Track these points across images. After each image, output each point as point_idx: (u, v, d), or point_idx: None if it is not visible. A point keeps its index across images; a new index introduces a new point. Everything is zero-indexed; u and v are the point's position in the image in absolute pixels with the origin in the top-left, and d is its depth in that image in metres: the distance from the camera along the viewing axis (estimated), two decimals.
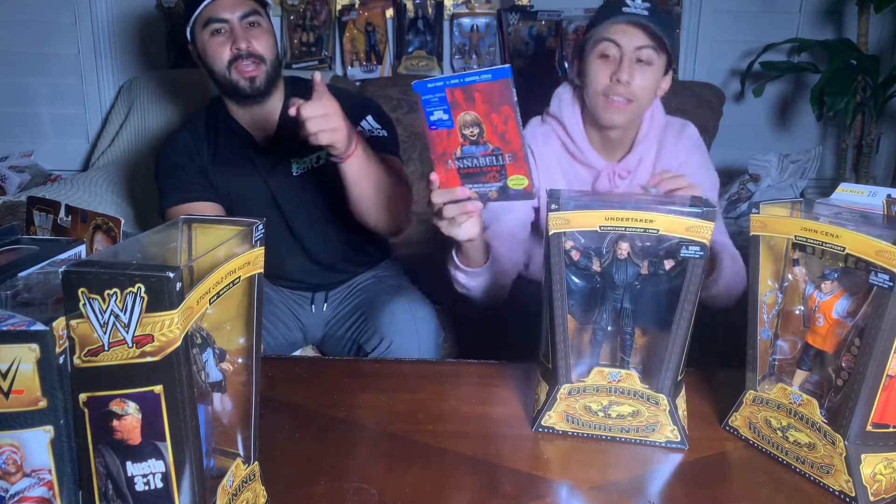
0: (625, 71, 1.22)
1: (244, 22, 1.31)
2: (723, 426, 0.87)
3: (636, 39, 1.21)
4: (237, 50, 1.29)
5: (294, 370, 1.03)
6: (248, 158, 1.39)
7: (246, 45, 1.29)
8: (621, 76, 1.22)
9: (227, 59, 1.30)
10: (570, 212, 0.78)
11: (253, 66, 1.30)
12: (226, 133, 1.41)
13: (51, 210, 0.98)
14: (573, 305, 0.84)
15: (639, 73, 1.23)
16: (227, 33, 1.30)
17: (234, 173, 1.39)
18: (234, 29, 1.30)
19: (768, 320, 0.82)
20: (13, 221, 1.15)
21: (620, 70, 1.22)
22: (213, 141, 1.42)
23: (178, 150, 1.40)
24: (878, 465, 0.73)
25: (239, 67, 1.30)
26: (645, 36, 1.21)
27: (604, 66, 1.25)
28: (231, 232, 0.59)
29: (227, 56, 1.30)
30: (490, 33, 2.21)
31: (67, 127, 2.36)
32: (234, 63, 1.30)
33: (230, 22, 1.29)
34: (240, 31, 1.30)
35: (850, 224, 0.71)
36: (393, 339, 1.28)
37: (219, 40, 1.30)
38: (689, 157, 1.36)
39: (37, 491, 0.52)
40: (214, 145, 1.41)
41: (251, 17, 1.31)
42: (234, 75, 1.31)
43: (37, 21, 2.26)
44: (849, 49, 2.09)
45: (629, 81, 1.22)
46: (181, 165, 1.38)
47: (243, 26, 1.31)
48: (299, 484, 0.74)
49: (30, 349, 0.49)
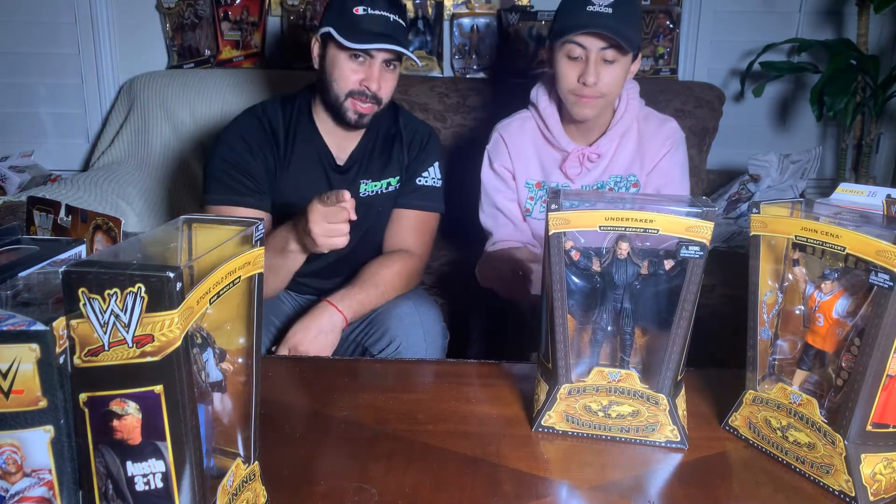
0: (591, 73, 1.24)
1: (384, 63, 1.28)
2: (723, 426, 0.87)
3: (601, 41, 1.23)
4: (366, 87, 1.26)
5: (294, 370, 1.03)
6: (323, 173, 1.36)
7: (376, 88, 1.27)
8: (587, 79, 1.24)
9: (350, 89, 1.27)
10: (570, 212, 0.78)
11: (369, 106, 1.28)
12: (304, 139, 1.36)
13: (51, 210, 0.98)
14: (573, 305, 0.84)
15: (605, 71, 1.26)
16: (366, 66, 1.27)
17: (304, 184, 1.35)
18: (374, 67, 1.27)
19: (768, 320, 0.82)
20: (13, 221, 1.16)
21: (587, 72, 1.24)
22: (289, 143, 1.35)
23: (245, 144, 1.32)
24: (878, 465, 0.73)
25: (356, 101, 1.27)
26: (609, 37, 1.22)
27: (571, 67, 1.27)
28: (231, 232, 0.59)
29: (354, 87, 1.27)
30: (490, 33, 2.21)
31: (67, 127, 2.36)
32: (355, 95, 1.27)
33: (374, 58, 1.26)
34: (377, 71, 1.27)
35: (850, 224, 0.71)
36: (401, 341, 1.28)
37: (353, 67, 1.26)
38: (675, 151, 1.38)
39: (37, 491, 0.52)
40: (291, 149, 1.35)
41: (393, 62, 1.29)
42: (347, 103, 1.28)
43: (37, 21, 2.26)
44: (849, 49, 2.10)
45: (595, 83, 1.24)
46: (242, 164, 1.31)
47: (382, 67, 1.28)
48: (299, 484, 0.74)
49: (30, 349, 0.49)
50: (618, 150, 1.37)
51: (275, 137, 1.35)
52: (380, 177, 1.41)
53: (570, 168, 1.38)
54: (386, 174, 1.41)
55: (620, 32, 1.21)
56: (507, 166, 1.43)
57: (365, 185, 1.40)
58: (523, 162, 1.41)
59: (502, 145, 1.43)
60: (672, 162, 1.38)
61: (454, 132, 2.02)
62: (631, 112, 1.36)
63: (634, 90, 1.38)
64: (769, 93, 2.25)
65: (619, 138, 1.37)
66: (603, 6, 1.21)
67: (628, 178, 1.38)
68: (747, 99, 2.29)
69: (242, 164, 1.31)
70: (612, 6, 1.21)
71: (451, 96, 2.04)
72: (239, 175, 1.31)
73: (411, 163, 1.44)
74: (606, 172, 1.38)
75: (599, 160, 1.37)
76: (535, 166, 1.42)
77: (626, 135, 1.37)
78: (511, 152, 1.42)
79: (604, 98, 1.28)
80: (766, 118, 2.37)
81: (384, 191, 1.42)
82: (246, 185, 1.32)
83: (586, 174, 1.39)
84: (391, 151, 1.43)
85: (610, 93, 1.28)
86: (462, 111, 2.03)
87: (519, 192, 1.43)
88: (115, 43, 2.30)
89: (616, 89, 1.29)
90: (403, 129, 1.45)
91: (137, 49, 2.29)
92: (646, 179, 1.38)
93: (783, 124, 2.38)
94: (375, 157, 1.41)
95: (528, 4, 2.21)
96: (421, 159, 1.44)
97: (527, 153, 1.42)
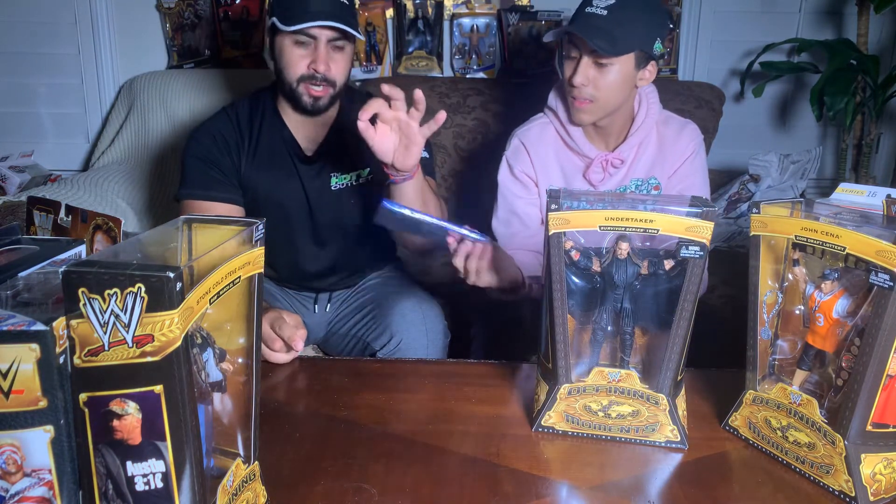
0: (579, 74, 1.23)
1: (331, 44, 1.27)
2: (723, 426, 0.87)
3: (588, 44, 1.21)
4: (314, 71, 1.26)
5: (294, 370, 1.03)
6: (291, 164, 1.36)
7: (324, 69, 1.26)
8: (575, 78, 1.23)
9: (300, 74, 1.27)
10: (570, 212, 0.78)
11: (322, 88, 1.28)
12: (270, 132, 1.37)
13: (51, 210, 0.98)
14: (573, 305, 0.84)
15: (598, 74, 1.24)
16: (311, 50, 1.26)
17: (273, 176, 1.36)
18: (319, 48, 1.26)
19: (768, 320, 0.82)
20: (13, 221, 1.16)
21: (576, 73, 1.23)
22: (254, 137, 1.37)
23: (212, 141, 1.34)
24: (878, 465, 0.73)
25: (308, 85, 1.27)
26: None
27: (568, 66, 1.26)
28: (231, 232, 0.59)
29: (303, 71, 1.27)
30: (490, 33, 2.21)
31: (67, 127, 2.36)
32: (306, 80, 1.27)
33: (317, 40, 1.26)
34: (323, 52, 1.26)
35: (850, 224, 0.71)
36: (403, 338, 1.28)
37: (300, 53, 1.26)
38: (696, 156, 1.37)
39: (37, 491, 0.52)
40: (256, 142, 1.36)
41: (339, 41, 1.27)
42: (300, 89, 1.28)
43: (37, 21, 2.26)
44: (849, 49, 2.10)
45: (583, 84, 1.23)
46: (212, 160, 1.33)
47: (328, 48, 1.27)
48: (299, 484, 0.74)
49: (30, 349, 0.49)
50: (638, 154, 1.36)
51: (243, 132, 1.36)
52: (349, 169, 1.39)
53: (594, 174, 1.36)
54: (356, 166, 1.39)
55: (610, 35, 1.19)
56: (528, 173, 1.40)
57: (335, 177, 1.39)
58: (545, 169, 1.39)
59: (523, 152, 1.40)
60: (693, 167, 1.36)
61: (454, 132, 2.02)
62: (651, 117, 1.35)
63: (654, 95, 1.37)
64: (769, 93, 2.25)
65: (640, 143, 1.36)
66: (600, 7, 1.20)
67: (649, 181, 1.37)
68: (747, 99, 2.29)
69: (214, 160, 1.33)
70: (609, 8, 1.19)
71: (451, 96, 2.04)
72: (212, 171, 1.32)
73: None
74: (628, 177, 1.37)
75: (622, 165, 1.36)
76: (556, 173, 1.39)
77: (646, 139, 1.36)
78: (533, 159, 1.39)
79: (597, 103, 1.26)
80: (766, 118, 2.37)
81: (355, 183, 1.40)
82: (221, 180, 1.33)
83: (608, 180, 1.37)
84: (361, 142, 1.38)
85: (603, 98, 1.26)
86: (462, 111, 2.03)
87: (541, 199, 1.41)
88: (115, 43, 2.30)
89: (612, 95, 1.26)
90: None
91: (137, 49, 2.29)
92: (667, 183, 1.37)
93: (783, 124, 2.38)
94: (345, 149, 1.39)
95: (528, 4, 2.21)
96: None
97: (548, 160, 1.39)
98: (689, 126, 1.39)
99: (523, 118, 1.46)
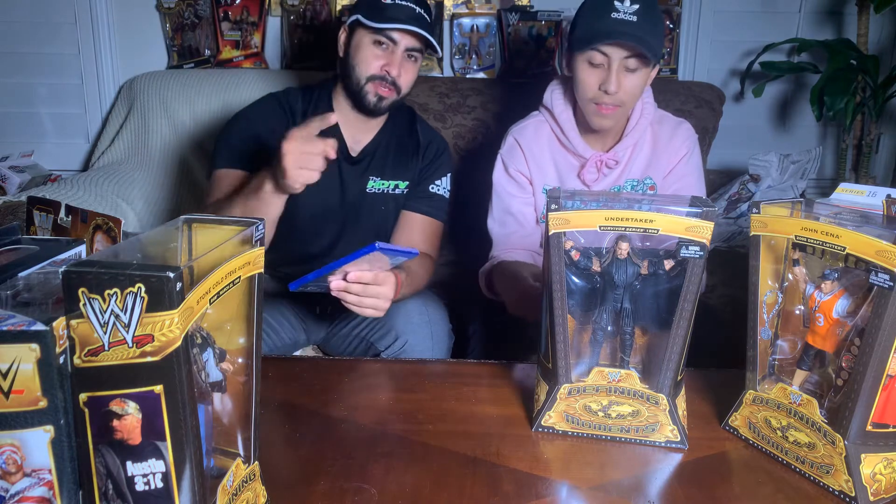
0: (612, 82, 1.22)
1: (406, 52, 1.32)
2: (723, 426, 0.87)
3: (624, 49, 1.21)
4: (386, 72, 1.31)
5: (294, 370, 1.03)
6: (335, 162, 1.36)
7: (396, 74, 1.31)
8: (609, 87, 1.23)
9: (371, 73, 1.31)
10: (570, 212, 0.78)
11: (388, 90, 1.33)
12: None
13: (51, 210, 0.98)
14: (573, 305, 0.84)
15: (626, 80, 1.23)
16: (388, 53, 1.32)
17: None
18: (396, 53, 1.31)
19: (768, 320, 0.82)
20: (13, 221, 1.15)
21: (608, 81, 1.23)
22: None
23: (262, 120, 1.37)
24: (878, 465, 0.73)
25: (377, 84, 1.32)
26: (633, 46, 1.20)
27: (592, 74, 1.25)
28: (231, 232, 0.59)
29: (375, 71, 1.31)
30: (490, 33, 2.21)
31: (67, 127, 2.36)
32: (376, 80, 1.32)
33: (397, 45, 1.31)
34: (399, 57, 1.32)
35: (850, 224, 0.71)
36: (408, 339, 1.29)
37: (376, 52, 1.31)
38: (691, 156, 1.37)
39: (37, 491, 0.52)
40: None
41: (415, 52, 1.33)
42: (368, 87, 1.33)
43: (37, 21, 2.26)
44: (849, 49, 2.09)
45: (616, 91, 1.23)
46: (257, 135, 1.35)
47: (404, 55, 1.32)
48: (299, 484, 0.74)
49: (30, 349, 0.49)
50: (633, 154, 1.36)
51: (292, 120, 1.39)
52: (390, 177, 1.44)
53: (588, 174, 1.36)
54: (396, 176, 1.45)
55: (644, 41, 1.19)
56: (523, 171, 1.41)
57: (373, 181, 1.43)
58: (540, 167, 1.40)
59: (518, 150, 1.41)
60: (688, 167, 1.36)
61: (454, 132, 2.02)
62: (646, 117, 1.35)
63: (649, 94, 1.37)
64: (769, 93, 2.25)
65: (635, 143, 1.36)
66: (628, 13, 1.19)
67: (644, 181, 1.37)
68: (747, 99, 2.29)
69: (259, 137, 1.35)
70: (637, 14, 1.19)
71: (451, 96, 2.04)
72: (254, 147, 1.34)
73: (425, 168, 1.48)
74: (623, 177, 1.37)
75: (616, 166, 1.36)
76: (551, 172, 1.40)
77: (641, 139, 1.36)
78: (527, 157, 1.40)
79: (623, 107, 1.27)
80: (766, 118, 2.37)
81: (391, 191, 1.44)
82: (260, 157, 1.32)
83: (603, 180, 1.37)
84: (405, 155, 1.46)
85: (629, 101, 1.27)
86: (462, 111, 2.03)
87: (536, 198, 1.41)
88: (115, 43, 2.29)
89: (635, 98, 1.28)
90: (420, 134, 1.49)
91: (137, 49, 2.29)
92: (662, 182, 1.37)
93: (783, 124, 2.38)
94: (388, 157, 1.44)
95: (528, 4, 2.21)
96: (435, 166, 1.48)
97: (543, 158, 1.40)
98: (684, 125, 1.39)
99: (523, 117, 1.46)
